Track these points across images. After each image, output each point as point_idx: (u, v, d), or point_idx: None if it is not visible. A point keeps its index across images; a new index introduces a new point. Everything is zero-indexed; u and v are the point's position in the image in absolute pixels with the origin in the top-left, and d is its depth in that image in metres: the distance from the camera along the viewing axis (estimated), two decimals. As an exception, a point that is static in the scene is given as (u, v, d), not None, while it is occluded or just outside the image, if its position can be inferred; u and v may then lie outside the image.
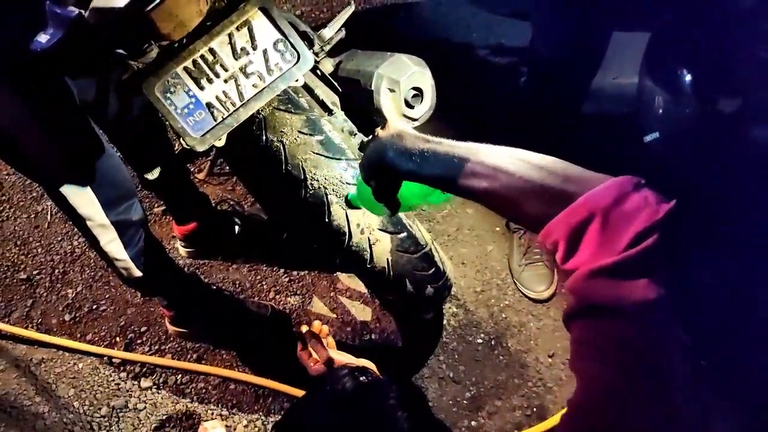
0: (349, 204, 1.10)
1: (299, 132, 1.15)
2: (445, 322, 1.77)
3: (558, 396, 1.59)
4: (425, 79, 1.22)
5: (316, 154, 1.16)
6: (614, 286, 0.56)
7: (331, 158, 1.18)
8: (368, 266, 1.26)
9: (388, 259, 1.25)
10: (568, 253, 0.60)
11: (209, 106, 0.93)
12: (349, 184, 1.19)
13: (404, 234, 1.26)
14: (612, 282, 0.56)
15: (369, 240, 1.23)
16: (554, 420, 1.52)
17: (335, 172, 1.18)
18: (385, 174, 0.75)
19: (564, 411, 0.62)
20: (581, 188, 0.59)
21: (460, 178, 0.66)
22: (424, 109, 1.22)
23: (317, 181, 1.17)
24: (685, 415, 0.57)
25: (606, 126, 2.30)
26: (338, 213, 1.19)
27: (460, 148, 0.68)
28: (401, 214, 1.31)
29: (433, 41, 2.50)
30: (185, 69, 0.91)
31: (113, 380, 1.61)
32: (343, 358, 1.08)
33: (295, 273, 1.90)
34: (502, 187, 0.63)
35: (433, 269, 1.32)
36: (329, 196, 1.17)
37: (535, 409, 1.57)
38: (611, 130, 2.33)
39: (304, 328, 1.10)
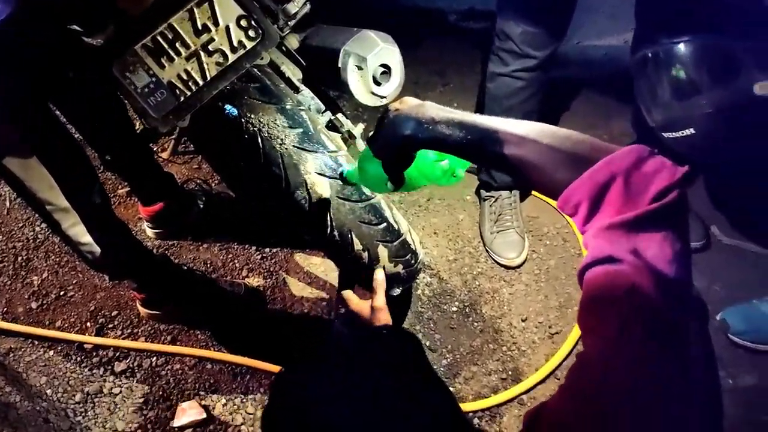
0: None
1: (276, 122, 1.12)
2: (419, 291, 1.79)
3: (531, 359, 1.64)
4: (393, 56, 1.20)
5: (297, 148, 1.14)
6: (633, 238, 0.59)
7: (310, 150, 1.15)
8: (349, 256, 1.25)
9: (368, 248, 1.25)
10: (591, 212, 0.63)
11: (171, 85, 0.89)
12: (319, 174, 1.18)
13: (384, 225, 1.26)
14: (631, 234, 0.59)
15: (350, 232, 1.22)
16: (529, 382, 1.57)
17: (317, 162, 1.16)
18: (403, 146, 0.76)
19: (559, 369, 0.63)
20: (604, 155, 0.62)
21: (488, 145, 0.69)
22: (393, 86, 1.20)
23: (299, 173, 1.15)
24: (697, 367, 0.58)
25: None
26: (319, 206, 1.18)
27: (486, 118, 0.71)
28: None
29: (400, 13, 2.46)
30: (144, 47, 0.87)
31: (86, 366, 1.58)
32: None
33: (267, 250, 1.89)
34: (530, 154, 0.67)
35: (408, 255, 1.32)
36: (310, 192, 1.16)
37: (510, 373, 1.61)
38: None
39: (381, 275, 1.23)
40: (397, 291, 1.32)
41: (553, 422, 0.60)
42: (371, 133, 0.84)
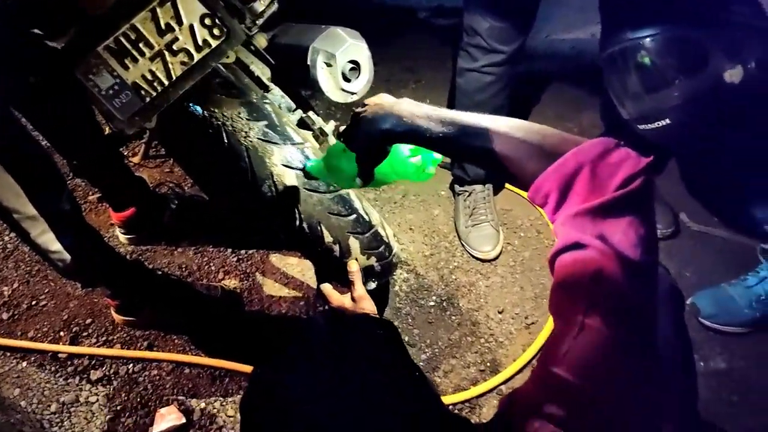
0: (308, 175, 1.09)
1: (240, 115, 1.12)
2: (397, 287, 1.80)
3: (509, 349, 1.65)
4: (362, 52, 1.20)
5: (262, 140, 1.13)
6: (599, 224, 0.61)
7: (276, 143, 1.15)
8: (320, 249, 1.25)
9: (339, 241, 1.25)
10: (559, 201, 0.65)
11: (136, 86, 0.88)
12: (290, 166, 1.17)
13: (353, 216, 1.26)
14: (597, 220, 0.62)
15: (320, 224, 1.22)
16: (507, 372, 1.58)
17: (283, 155, 1.16)
18: (381, 139, 0.79)
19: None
20: (573, 147, 0.65)
21: (465, 138, 0.72)
22: (362, 82, 1.20)
23: (264, 165, 1.14)
24: (669, 350, 0.61)
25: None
26: (286, 197, 1.17)
27: (463, 114, 0.74)
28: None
29: (370, 11, 2.46)
30: (107, 48, 0.86)
31: (61, 376, 1.56)
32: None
33: (243, 252, 1.87)
34: (503, 147, 0.70)
35: (382, 247, 1.33)
36: (276, 184, 1.15)
37: (488, 364, 1.62)
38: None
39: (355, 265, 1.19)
40: (372, 285, 1.32)
41: (524, 404, 0.61)
42: (343, 128, 0.85)
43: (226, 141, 1.09)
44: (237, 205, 1.32)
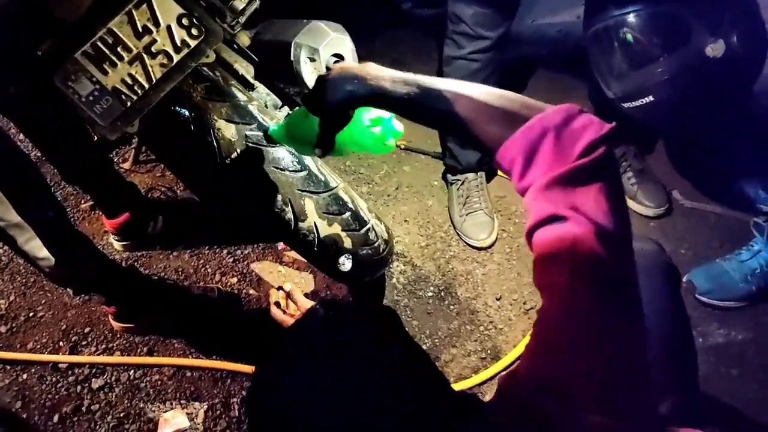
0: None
1: (227, 118, 1.11)
2: (394, 280, 1.80)
3: (509, 336, 1.66)
4: (345, 45, 1.19)
5: (251, 143, 1.13)
6: (570, 193, 0.62)
7: (266, 146, 1.14)
8: (315, 249, 1.24)
9: (335, 240, 1.24)
10: (525, 167, 0.66)
11: (116, 91, 0.88)
12: (280, 168, 1.16)
13: (348, 214, 1.25)
14: (568, 189, 0.62)
15: (316, 226, 1.21)
16: (508, 359, 1.59)
17: (273, 156, 1.15)
18: (344, 101, 0.78)
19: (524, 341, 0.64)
20: (536, 113, 0.66)
21: (429, 101, 0.72)
22: None
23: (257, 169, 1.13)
24: (659, 325, 0.61)
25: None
26: (281, 201, 1.17)
27: (428, 78, 0.75)
28: (343, 195, 1.30)
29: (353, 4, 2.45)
30: (84, 54, 0.85)
31: (62, 386, 1.55)
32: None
33: (238, 252, 1.87)
34: (465, 110, 0.70)
35: (376, 243, 1.31)
36: (269, 185, 1.15)
37: (489, 351, 1.63)
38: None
39: (276, 294, 1.16)
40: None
41: (523, 377, 0.61)
42: (306, 92, 0.84)
43: (215, 144, 1.08)
44: (229, 206, 1.31)
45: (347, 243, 1.25)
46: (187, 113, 1.07)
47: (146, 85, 0.90)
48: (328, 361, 0.66)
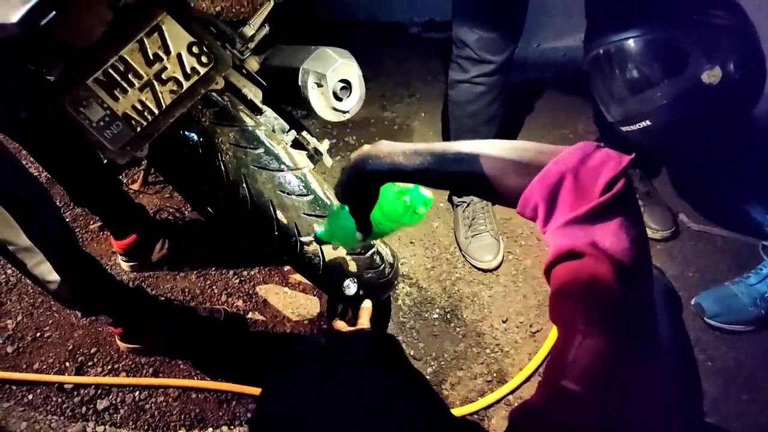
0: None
1: (235, 143, 1.13)
2: (400, 301, 1.80)
3: (515, 358, 1.65)
4: (352, 71, 1.21)
5: (256, 167, 1.14)
6: (590, 231, 0.62)
7: (273, 170, 1.16)
8: (320, 273, 1.25)
9: (340, 264, 1.24)
10: (548, 213, 0.65)
11: (126, 116, 0.89)
12: (286, 193, 1.18)
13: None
14: (587, 227, 0.62)
15: (321, 249, 1.22)
16: (514, 382, 1.57)
17: (276, 182, 1.16)
18: (366, 182, 0.79)
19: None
20: (551, 158, 0.65)
21: (443, 166, 0.72)
22: (353, 100, 1.21)
23: (263, 194, 1.15)
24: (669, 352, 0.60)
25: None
26: (283, 222, 1.18)
27: (438, 144, 0.75)
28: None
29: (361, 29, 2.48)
30: (96, 80, 0.88)
31: (67, 407, 1.55)
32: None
33: (245, 274, 1.88)
34: (480, 168, 0.70)
35: (381, 266, 1.32)
36: (276, 209, 1.15)
37: (495, 374, 1.61)
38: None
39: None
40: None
41: (534, 416, 0.61)
42: (335, 184, 0.86)
43: (223, 168, 1.10)
44: (237, 229, 1.32)
45: (352, 267, 1.25)
46: (195, 137, 1.09)
47: (156, 111, 0.92)
48: (332, 383, 0.67)
